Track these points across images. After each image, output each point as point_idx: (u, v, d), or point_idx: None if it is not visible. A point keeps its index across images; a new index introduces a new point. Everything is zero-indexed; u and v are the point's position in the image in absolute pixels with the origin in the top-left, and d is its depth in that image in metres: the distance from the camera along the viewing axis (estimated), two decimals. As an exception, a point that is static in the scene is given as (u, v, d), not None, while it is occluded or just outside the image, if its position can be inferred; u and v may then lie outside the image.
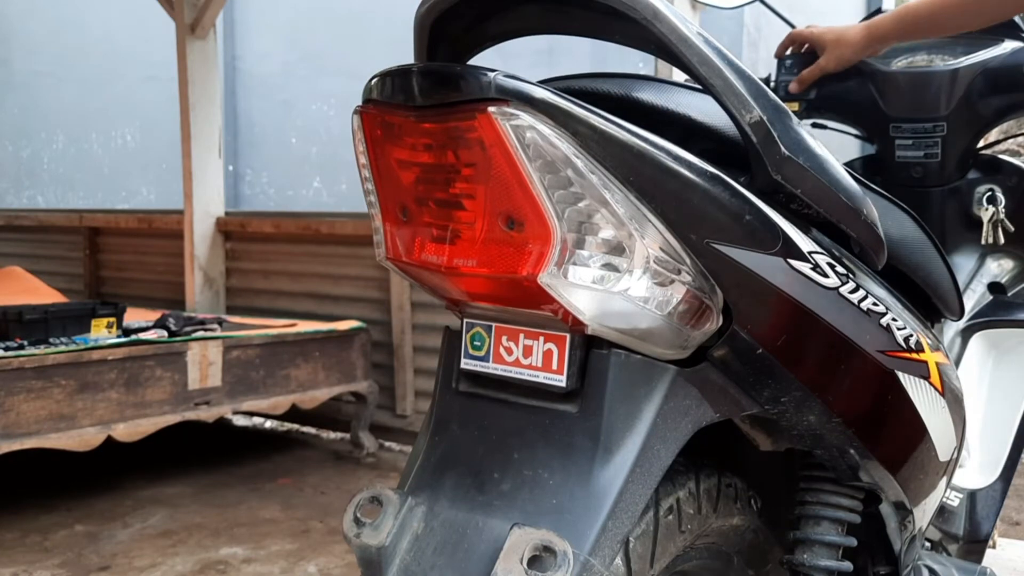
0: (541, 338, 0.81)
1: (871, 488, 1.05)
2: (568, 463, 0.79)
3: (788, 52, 1.53)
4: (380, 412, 3.67)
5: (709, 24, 1.80)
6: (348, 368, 3.47)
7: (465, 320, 0.86)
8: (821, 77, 1.49)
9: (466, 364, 0.86)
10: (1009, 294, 1.56)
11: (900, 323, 0.97)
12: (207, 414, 3.09)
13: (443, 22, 0.86)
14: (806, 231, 0.88)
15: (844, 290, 0.89)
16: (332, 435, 3.97)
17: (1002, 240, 1.48)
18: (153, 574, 2.44)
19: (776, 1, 1.60)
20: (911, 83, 1.49)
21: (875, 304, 0.93)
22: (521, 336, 0.82)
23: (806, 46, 1.51)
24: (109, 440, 2.81)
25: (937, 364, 1.04)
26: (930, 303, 1.13)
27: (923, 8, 1.33)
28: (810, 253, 0.86)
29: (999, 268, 1.56)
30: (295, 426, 4.12)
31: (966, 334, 1.47)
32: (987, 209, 1.48)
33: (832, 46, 1.45)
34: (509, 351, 0.83)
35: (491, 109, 0.71)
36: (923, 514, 1.15)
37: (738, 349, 0.85)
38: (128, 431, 2.85)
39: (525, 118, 0.71)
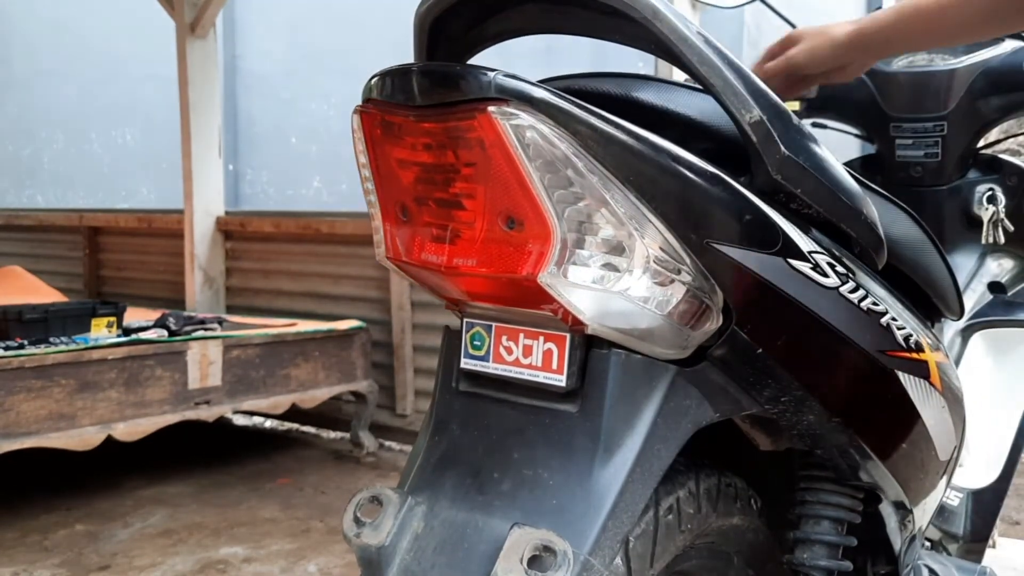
0: (541, 338, 0.81)
1: (871, 488, 1.05)
2: (568, 463, 0.79)
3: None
4: (380, 411, 3.67)
5: (709, 24, 1.79)
6: (348, 367, 3.47)
7: (465, 320, 0.86)
8: (815, 74, 1.48)
9: (466, 364, 0.86)
10: (1009, 294, 1.56)
11: (900, 323, 0.97)
12: (207, 414, 3.09)
13: (443, 22, 0.86)
14: (806, 231, 0.88)
15: (844, 290, 0.89)
16: (332, 435, 3.97)
17: (1002, 240, 1.48)
18: (153, 574, 2.44)
19: (776, 1, 1.60)
20: (911, 82, 1.49)
21: (875, 304, 0.93)
22: (521, 336, 0.82)
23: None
24: (109, 440, 2.81)
25: (937, 364, 1.04)
26: (930, 303, 1.13)
27: (932, 7, 1.05)
28: (810, 253, 0.86)
29: (999, 268, 1.56)
30: (295, 426, 4.12)
31: (966, 334, 1.47)
32: (987, 209, 1.48)
33: (808, 38, 1.19)
34: (509, 351, 0.83)
35: (491, 109, 0.71)
36: (923, 514, 1.15)
37: (738, 349, 0.85)
38: (128, 430, 2.85)
39: (525, 118, 0.71)
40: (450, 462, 0.85)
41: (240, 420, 4.22)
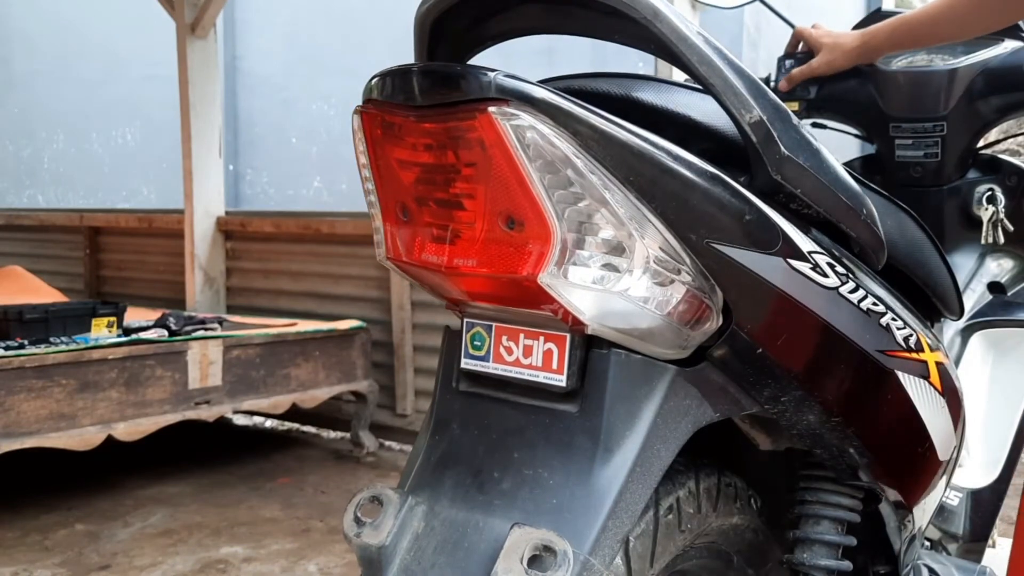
0: (541, 338, 0.81)
1: (870, 487, 1.05)
2: (568, 462, 0.79)
3: (798, 50, 1.53)
4: (380, 411, 3.67)
5: (709, 24, 1.79)
6: (348, 367, 3.47)
7: (465, 320, 0.86)
8: (814, 78, 1.49)
9: (466, 364, 0.86)
10: (1009, 294, 1.56)
11: (900, 323, 0.97)
12: (207, 413, 3.09)
13: (443, 22, 0.86)
14: (806, 231, 0.88)
15: (844, 290, 0.90)
16: (332, 434, 3.97)
17: (1002, 240, 1.48)
18: (153, 573, 2.44)
19: (776, 1, 1.60)
20: (911, 82, 1.49)
21: (875, 304, 0.93)
22: (521, 336, 0.82)
23: (802, 45, 1.51)
24: (109, 439, 2.81)
25: (937, 364, 1.04)
26: (930, 303, 1.13)
27: (919, 19, 1.33)
28: (810, 253, 0.86)
29: (999, 268, 1.56)
30: (295, 425, 4.12)
31: (966, 334, 1.47)
32: (987, 209, 1.48)
33: (827, 50, 1.46)
34: (509, 351, 0.83)
35: (491, 109, 0.71)
36: (923, 513, 1.15)
37: (738, 349, 0.85)
38: (128, 430, 2.85)
39: (525, 118, 0.71)
40: (450, 462, 0.85)
41: (240, 420, 4.22)
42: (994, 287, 1.54)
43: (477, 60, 0.84)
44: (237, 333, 3.22)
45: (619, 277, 0.76)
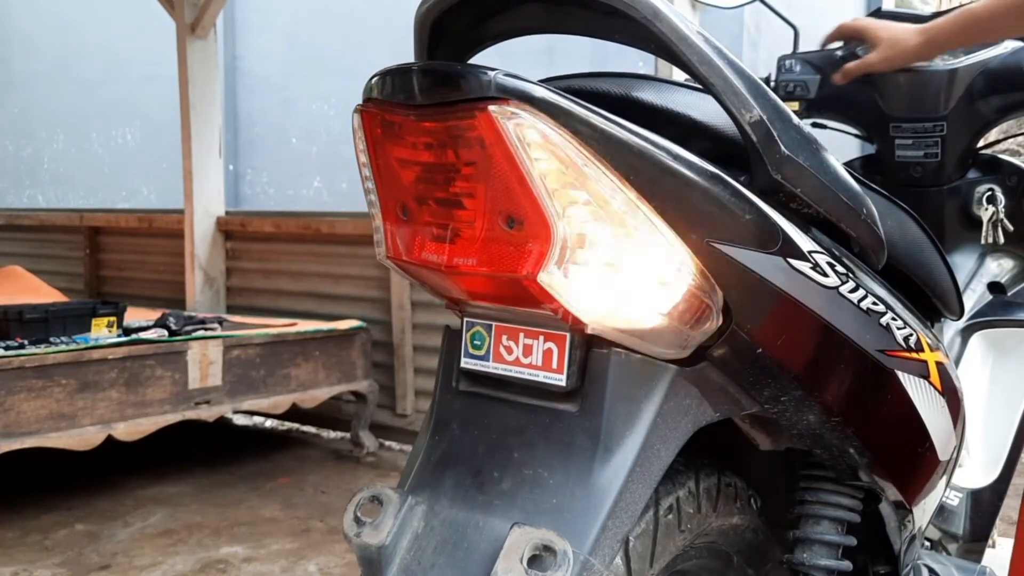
0: (541, 337, 0.81)
1: (870, 487, 1.05)
2: (568, 462, 0.79)
3: (838, 45, 1.51)
4: (380, 411, 3.67)
5: (709, 24, 1.79)
6: (348, 367, 3.47)
7: (465, 319, 0.86)
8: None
9: (466, 363, 0.86)
10: (1009, 294, 1.56)
11: (900, 323, 0.97)
12: (207, 413, 3.09)
13: (443, 21, 0.86)
14: (806, 230, 0.88)
15: (844, 289, 0.90)
16: (332, 434, 3.97)
17: (1002, 240, 1.48)
18: (153, 573, 2.44)
19: (776, 1, 1.60)
20: (911, 82, 1.49)
21: (875, 304, 0.93)
22: (521, 335, 0.82)
23: (840, 46, 1.50)
24: (109, 439, 2.81)
25: (937, 363, 1.04)
26: (930, 303, 1.13)
27: (983, 11, 1.26)
28: (810, 252, 0.86)
29: (999, 268, 1.56)
30: (295, 425, 4.12)
31: (966, 334, 1.47)
32: (987, 209, 1.48)
33: (886, 45, 1.38)
34: (509, 350, 0.83)
35: (491, 108, 0.71)
36: (923, 513, 1.15)
37: (738, 348, 0.85)
38: (128, 430, 2.85)
39: (525, 117, 0.71)
40: (450, 461, 0.85)
41: (240, 420, 4.22)
42: (994, 287, 1.54)
43: (477, 60, 0.84)
44: (237, 333, 3.22)
45: (619, 277, 0.76)
